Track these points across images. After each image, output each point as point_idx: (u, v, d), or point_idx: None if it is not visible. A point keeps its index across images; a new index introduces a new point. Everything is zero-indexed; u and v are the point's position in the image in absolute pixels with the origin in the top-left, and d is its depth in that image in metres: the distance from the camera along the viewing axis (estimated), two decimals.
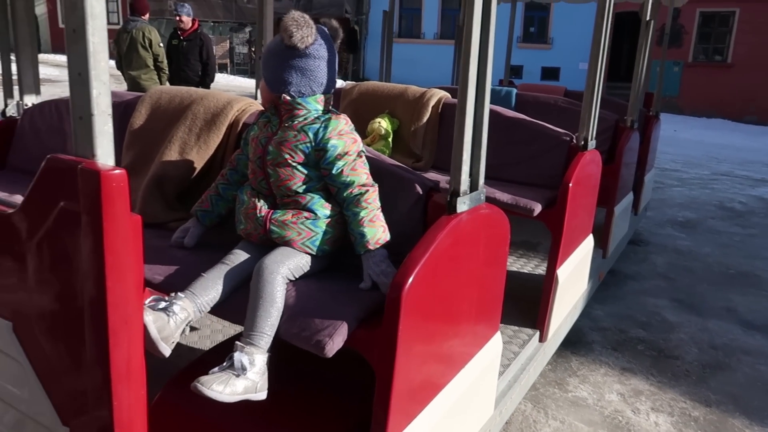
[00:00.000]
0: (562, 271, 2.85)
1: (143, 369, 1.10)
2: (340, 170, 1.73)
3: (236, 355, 1.48)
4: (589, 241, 3.37)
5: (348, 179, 1.74)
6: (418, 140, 3.35)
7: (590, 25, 3.02)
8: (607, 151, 4.19)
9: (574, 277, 3.12)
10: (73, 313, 1.06)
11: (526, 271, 3.66)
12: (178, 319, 1.44)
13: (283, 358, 1.96)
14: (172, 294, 1.53)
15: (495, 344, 2.14)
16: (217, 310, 1.64)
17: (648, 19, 4.13)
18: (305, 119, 1.75)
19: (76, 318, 1.05)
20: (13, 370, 1.20)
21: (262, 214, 1.73)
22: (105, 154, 1.01)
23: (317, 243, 1.74)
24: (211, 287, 1.59)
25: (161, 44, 6.55)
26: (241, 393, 1.45)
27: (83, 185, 0.98)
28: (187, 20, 6.75)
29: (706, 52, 18.96)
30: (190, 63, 6.82)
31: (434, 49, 21.57)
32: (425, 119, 3.34)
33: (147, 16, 6.67)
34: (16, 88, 2.70)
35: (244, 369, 1.46)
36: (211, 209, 1.91)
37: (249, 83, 19.37)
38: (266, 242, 1.74)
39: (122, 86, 6.99)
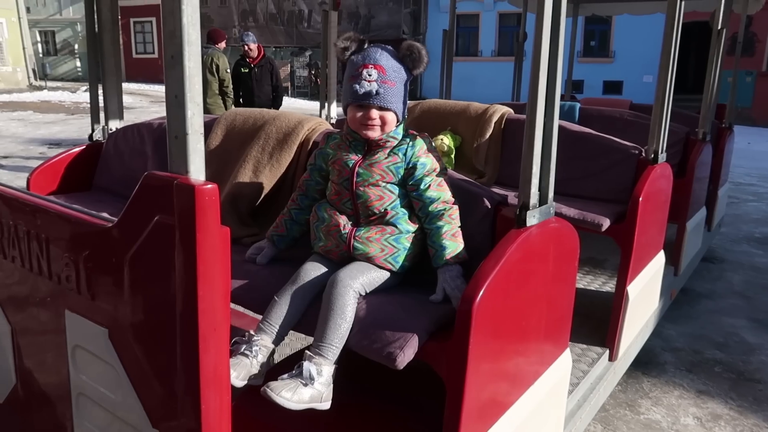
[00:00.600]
0: (633, 288, 2.77)
1: (228, 375, 1.15)
2: (428, 186, 1.79)
3: (305, 365, 1.53)
4: (660, 258, 3.26)
5: (435, 194, 1.79)
6: (480, 156, 3.35)
7: (654, 37, 2.98)
8: (678, 164, 4.05)
9: (644, 295, 3.02)
10: (165, 320, 1.12)
11: (593, 288, 3.57)
12: (259, 359, 1.55)
13: (352, 370, 2.00)
14: (251, 333, 1.61)
15: (564, 362, 2.10)
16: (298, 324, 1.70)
17: (720, 27, 4.00)
18: (394, 141, 1.81)
19: (168, 325, 1.12)
20: (109, 375, 1.28)
21: (346, 231, 1.77)
22: (197, 170, 1.08)
23: (399, 259, 1.78)
24: (285, 313, 1.65)
25: (228, 70, 6.87)
26: (307, 401, 1.49)
27: (178, 199, 1.05)
28: (254, 47, 7.06)
29: None
30: (264, 88, 7.14)
31: (492, 66, 21.52)
32: (488, 135, 3.34)
33: (222, 44, 7.04)
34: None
35: (311, 379, 1.51)
36: (286, 233, 1.98)
37: (308, 105, 19.88)
38: (345, 259, 1.78)
39: None
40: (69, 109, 17.55)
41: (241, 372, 1.50)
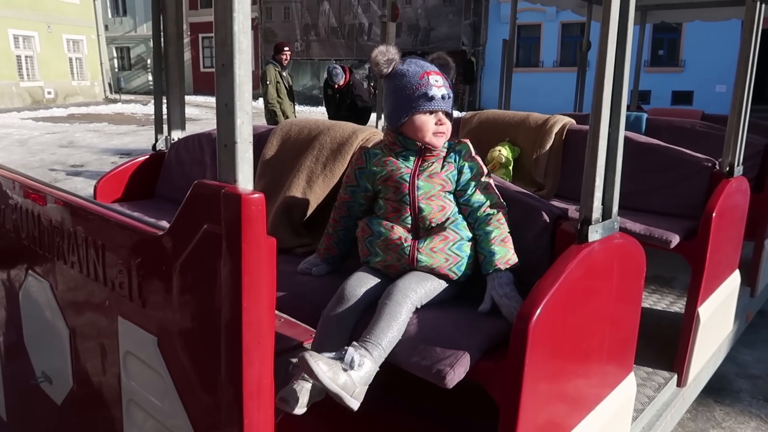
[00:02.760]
0: (704, 309, 2.59)
1: (272, 389, 1.12)
2: (475, 190, 1.75)
3: (350, 350, 1.45)
4: (735, 278, 3.05)
5: (483, 198, 1.75)
6: (540, 168, 3.25)
7: (728, 44, 2.82)
8: (756, 178, 3.80)
9: (717, 317, 2.82)
10: (211, 331, 1.11)
11: (660, 308, 3.37)
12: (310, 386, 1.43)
13: (402, 387, 1.95)
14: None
15: (628, 386, 1.98)
16: None
17: None
18: (443, 149, 1.77)
19: (214, 336, 1.10)
20: (156, 383, 1.28)
21: (408, 243, 1.71)
22: (245, 179, 1.06)
23: (462, 268, 1.73)
24: (335, 334, 1.60)
25: (269, 82, 7.12)
26: (340, 386, 1.39)
27: (225, 208, 1.03)
28: (342, 82, 7.36)
29: None
30: (342, 111, 7.40)
31: (553, 77, 21.12)
32: (548, 146, 3.23)
33: (281, 56, 7.32)
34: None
35: (351, 366, 1.43)
36: (338, 254, 1.96)
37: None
38: (404, 273, 1.72)
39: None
40: (140, 120, 18.40)
41: (302, 399, 1.43)
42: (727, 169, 2.70)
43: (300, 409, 1.38)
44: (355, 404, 1.43)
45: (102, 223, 1.40)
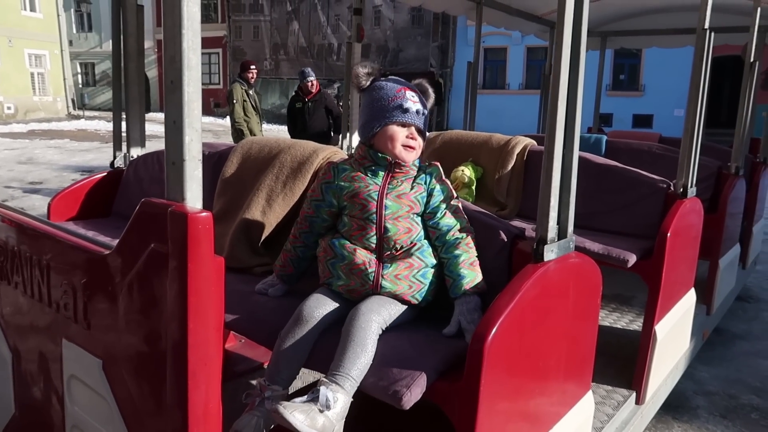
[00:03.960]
0: (661, 327, 2.64)
1: (220, 413, 1.09)
2: (444, 213, 1.76)
3: (322, 390, 1.44)
4: (690, 296, 3.11)
5: (452, 222, 1.76)
6: (502, 188, 3.29)
7: (686, 70, 2.89)
8: (710, 199, 3.92)
9: (674, 334, 2.88)
10: (158, 353, 1.08)
11: (619, 326, 3.42)
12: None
13: (363, 411, 1.92)
14: (263, 382, 1.55)
15: (586, 404, 1.99)
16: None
17: (752, 60, 3.90)
18: (415, 170, 1.78)
19: (160, 359, 1.07)
20: (101, 408, 1.23)
21: (372, 269, 1.69)
22: (194, 197, 1.04)
23: (425, 294, 1.73)
24: (292, 357, 1.59)
25: (236, 101, 7.06)
26: (319, 429, 1.39)
27: (172, 227, 1.01)
28: (315, 83, 7.29)
29: None
30: (317, 122, 7.28)
31: (519, 99, 21.54)
32: (510, 167, 3.28)
33: (249, 75, 7.26)
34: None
35: (327, 406, 1.42)
36: (294, 272, 1.92)
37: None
38: (366, 297, 1.69)
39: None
40: (104, 137, 18.05)
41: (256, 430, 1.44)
42: (681, 190, 2.78)
43: None
44: None
45: (47, 242, 1.36)
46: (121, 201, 2.85)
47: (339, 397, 1.44)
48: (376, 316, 1.59)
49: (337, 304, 1.68)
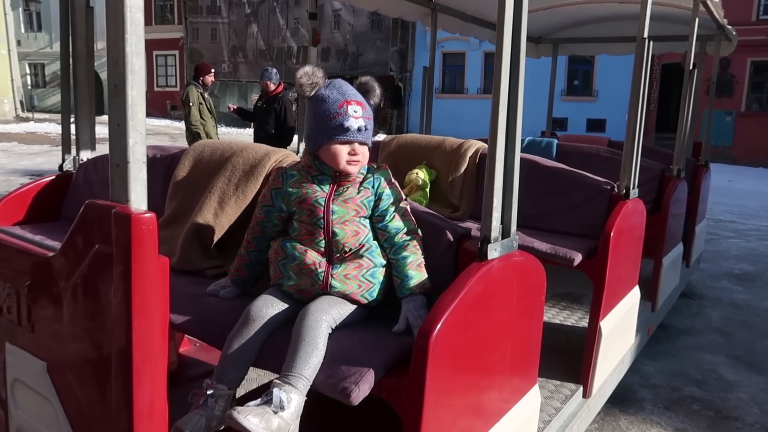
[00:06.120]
0: (606, 324, 2.75)
1: (165, 412, 1.11)
2: (393, 216, 1.80)
3: (275, 391, 1.45)
4: (635, 293, 3.25)
5: (401, 225, 1.80)
6: (455, 190, 3.36)
7: None
8: (654, 201, 4.09)
9: (619, 330, 3.00)
10: (103, 353, 1.08)
11: (569, 323, 3.54)
12: (216, 412, 1.49)
13: (315, 408, 1.95)
14: (208, 382, 1.56)
15: (532, 398, 2.06)
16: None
17: (691, 67, 4.09)
18: (362, 175, 1.80)
19: (105, 359, 1.08)
20: (46, 411, 1.23)
21: (322, 269, 1.72)
22: (138, 199, 1.06)
23: (374, 294, 1.77)
24: (240, 357, 1.60)
25: (192, 104, 7.00)
26: (274, 431, 1.40)
27: (116, 228, 1.02)
28: (271, 85, 7.11)
29: (760, 101, 18.53)
30: (266, 125, 7.16)
31: (478, 103, 21.87)
32: (463, 170, 3.36)
33: (206, 78, 7.16)
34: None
35: (281, 407, 1.44)
36: (248, 276, 1.94)
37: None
38: (316, 297, 1.72)
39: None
40: (54, 140, 17.51)
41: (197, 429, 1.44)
42: (624, 191, 2.90)
43: None
44: None
45: None
46: (71, 205, 2.80)
47: (293, 397, 1.47)
48: (326, 316, 1.61)
49: (286, 305, 1.71)
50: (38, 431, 1.28)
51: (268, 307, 1.67)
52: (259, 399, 1.45)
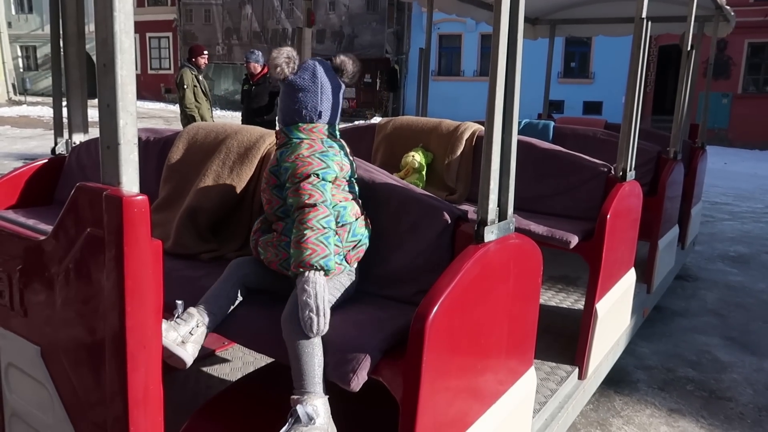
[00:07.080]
0: (602, 306, 2.75)
1: (161, 396, 1.10)
2: (287, 192, 1.73)
3: (298, 409, 1.49)
4: (630, 275, 3.25)
5: (291, 201, 1.71)
6: (452, 173, 3.34)
7: None
8: (650, 183, 4.08)
9: (614, 312, 3.01)
10: (96, 338, 1.08)
11: (565, 305, 3.55)
12: (190, 324, 1.54)
13: None
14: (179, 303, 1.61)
15: (529, 380, 2.07)
16: (247, 340, 1.65)
17: (689, 48, 4.06)
18: (284, 145, 1.79)
19: (99, 342, 1.07)
20: (40, 395, 1.22)
21: (255, 237, 1.81)
22: (130, 181, 1.04)
23: (287, 265, 1.72)
24: (218, 302, 1.68)
25: (186, 86, 6.93)
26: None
27: (107, 211, 1.01)
28: (256, 66, 7.04)
29: (756, 83, 18.48)
30: (257, 107, 7.10)
31: (474, 86, 21.75)
32: (459, 152, 3.34)
33: (200, 60, 7.09)
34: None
35: (311, 419, 1.47)
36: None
37: None
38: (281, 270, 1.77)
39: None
40: (48, 124, 17.35)
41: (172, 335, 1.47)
42: (621, 173, 2.89)
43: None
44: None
45: None
46: (63, 188, 2.77)
47: (317, 404, 1.50)
48: (290, 324, 1.58)
49: (260, 268, 1.79)
50: (33, 415, 1.27)
51: (244, 265, 1.79)
52: (287, 424, 1.48)
